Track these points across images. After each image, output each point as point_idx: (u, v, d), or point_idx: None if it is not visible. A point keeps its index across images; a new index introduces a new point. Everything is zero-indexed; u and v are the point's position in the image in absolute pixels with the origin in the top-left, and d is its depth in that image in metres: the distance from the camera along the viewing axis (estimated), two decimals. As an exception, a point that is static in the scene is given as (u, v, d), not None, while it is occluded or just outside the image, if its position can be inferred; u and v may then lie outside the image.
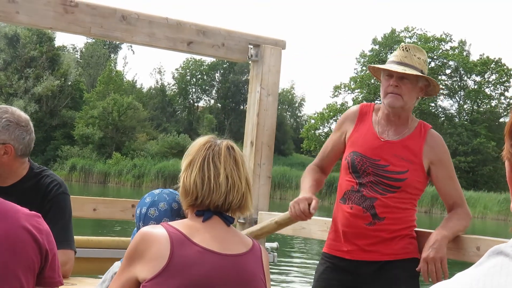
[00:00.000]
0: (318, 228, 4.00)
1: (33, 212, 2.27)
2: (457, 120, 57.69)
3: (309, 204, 3.36)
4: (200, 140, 2.45)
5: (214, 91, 65.10)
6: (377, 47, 59.69)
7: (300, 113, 69.66)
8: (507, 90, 58.16)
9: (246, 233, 3.18)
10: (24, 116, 3.27)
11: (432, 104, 58.97)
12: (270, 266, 2.54)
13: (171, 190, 2.67)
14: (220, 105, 63.19)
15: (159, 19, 4.11)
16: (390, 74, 3.37)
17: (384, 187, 3.33)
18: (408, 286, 3.35)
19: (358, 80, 59.00)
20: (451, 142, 53.83)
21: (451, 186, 3.44)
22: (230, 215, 2.41)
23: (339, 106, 57.89)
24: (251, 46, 4.37)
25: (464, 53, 59.68)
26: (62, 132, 54.19)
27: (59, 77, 55.16)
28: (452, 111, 59.97)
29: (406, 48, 3.41)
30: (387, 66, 3.37)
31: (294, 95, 70.00)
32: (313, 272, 3.66)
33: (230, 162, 2.37)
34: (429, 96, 3.57)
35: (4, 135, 3.16)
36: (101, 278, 2.79)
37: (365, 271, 3.35)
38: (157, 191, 2.65)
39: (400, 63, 3.35)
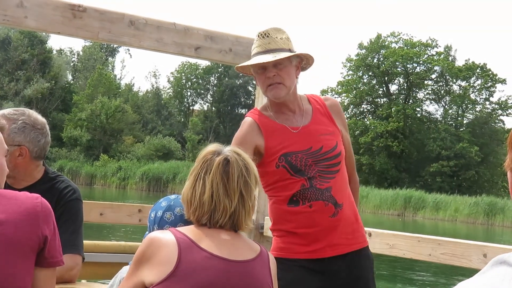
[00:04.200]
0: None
1: (33, 194, 2.26)
2: (441, 124, 57.97)
3: None
4: (204, 151, 2.45)
5: (209, 95, 65.19)
6: (363, 51, 59.89)
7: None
8: (492, 96, 58.57)
9: None
10: (41, 119, 3.29)
11: (418, 109, 59.24)
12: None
13: None
14: (215, 109, 63.23)
15: (167, 24, 4.10)
16: (262, 66, 3.20)
17: (331, 170, 3.21)
18: (372, 273, 3.32)
19: (344, 84, 59.22)
20: (434, 146, 54.14)
21: (351, 149, 3.45)
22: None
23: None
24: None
25: (450, 58, 60.02)
26: (52, 134, 54.03)
27: (49, 80, 55.16)
28: (437, 116, 60.30)
29: (265, 34, 3.23)
30: (256, 60, 3.19)
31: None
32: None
33: (217, 179, 2.35)
34: (305, 70, 3.37)
35: (19, 137, 3.18)
36: (108, 283, 2.79)
37: (336, 267, 3.20)
38: (173, 196, 2.66)
39: (266, 51, 3.19)
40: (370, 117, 59.28)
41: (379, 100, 60.49)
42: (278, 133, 3.24)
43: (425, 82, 59.78)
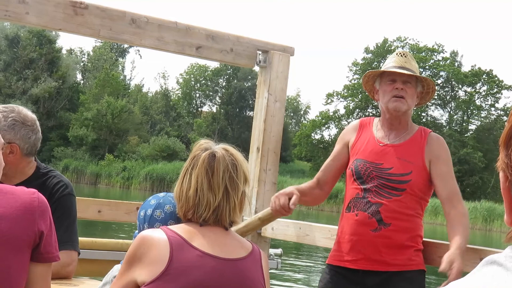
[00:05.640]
0: (322, 235, 3.99)
1: (30, 189, 2.25)
2: (446, 130, 57.90)
3: (290, 199, 3.35)
4: (195, 147, 2.46)
5: (217, 97, 65.31)
6: (369, 56, 59.87)
7: (305, 120, 69.47)
8: (498, 102, 58.48)
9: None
10: (31, 115, 3.26)
11: (423, 114, 59.19)
12: (274, 272, 2.55)
13: None
14: (223, 111, 63.30)
15: (168, 23, 4.11)
16: (393, 79, 3.39)
17: (389, 191, 3.32)
18: None
19: (350, 88, 59.23)
20: (439, 151, 54.10)
21: (449, 181, 3.39)
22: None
23: (331, 113, 58.07)
24: (260, 52, 4.38)
25: (456, 64, 59.94)
26: (58, 133, 54.48)
27: (57, 79, 55.47)
28: (442, 121, 60.22)
29: (403, 54, 3.45)
30: (395, 68, 3.39)
31: (299, 102, 70.26)
32: (317, 278, 3.65)
33: (202, 173, 2.35)
34: (420, 104, 3.60)
35: (9, 134, 3.16)
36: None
37: (371, 282, 3.31)
38: (162, 194, 2.65)
39: (402, 68, 3.38)
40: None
41: (384, 104, 60.40)
42: (365, 140, 3.46)
43: (431, 87, 59.71)
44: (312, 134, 58.42)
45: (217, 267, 2.27)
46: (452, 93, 59.80)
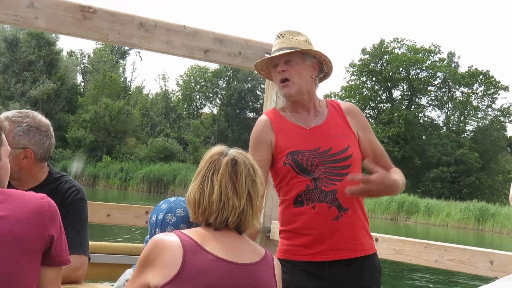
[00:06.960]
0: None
1: (39, 194, 2.26)
2: (443, 131, 58.00)
3: None
4: (210, 152, 2.46)
5: (218, 99, 65.38)
6: (366, 57, 59.94)
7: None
8: (494, 102, 58.63)
9: None
10: (45, 121, 3.28)
11: (420, 115, 59.27)
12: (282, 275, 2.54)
13: None
14: (223, 112, 63.36)
15: (176, 27, 4.11)
16: (276, 64, 3.29)
17: (338, 172, 3.17)
18: (377, 283, 3.26)
19: (347, 89, 59.32)
20: (435, 152, 54.15)
21: (381, 149, 3.38)
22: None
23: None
24: (268, 55, 4.37)
25: (453, 65, 60.07)
26: (56, 135, 54.37)
27: (55, 81, 55.57)
28: (439, 122, 60.34)
29: (281, 35, 3.32)
30: (267, 56, 3.30)
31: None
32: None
33: (226, 178, 2.37)
34: (328, 76, 3.42)
35: (24, 139, 3.17)
36: (113, 284, 2.79)
37: (337, 273, 3.16)
38: (172, 198, 2.67)
39: (279, 50, 3.27)
40: (373, 122, 59.22)
41: (382, 105, 60.52)
42: (288, 131, 3.27)
43: (428, 88, 59.80)
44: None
45: (229, 271, 2.28)
46: (449, 94, 59.93)
